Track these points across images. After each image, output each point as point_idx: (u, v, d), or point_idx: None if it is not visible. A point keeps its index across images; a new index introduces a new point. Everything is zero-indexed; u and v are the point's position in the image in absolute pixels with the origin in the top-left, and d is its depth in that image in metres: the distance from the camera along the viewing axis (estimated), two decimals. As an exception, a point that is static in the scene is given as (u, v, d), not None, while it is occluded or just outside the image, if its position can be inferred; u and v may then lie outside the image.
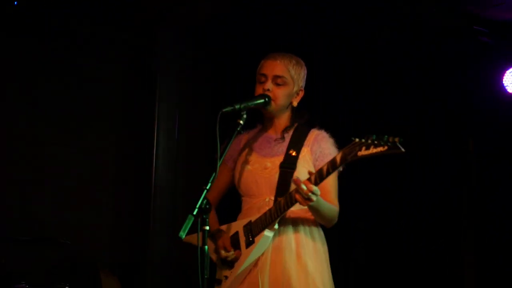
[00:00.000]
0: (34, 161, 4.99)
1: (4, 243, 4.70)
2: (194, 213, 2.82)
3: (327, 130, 3.32)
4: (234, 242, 3.21)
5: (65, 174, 5.12)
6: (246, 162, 3.29)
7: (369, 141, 2.75)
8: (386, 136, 2.70)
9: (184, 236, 2.79)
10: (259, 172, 3.24)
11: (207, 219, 2.85)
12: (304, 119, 3.36)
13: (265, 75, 3.25)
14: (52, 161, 5.07)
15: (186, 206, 5.48)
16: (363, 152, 2.78)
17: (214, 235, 3.28)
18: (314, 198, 2.94)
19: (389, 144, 2.69)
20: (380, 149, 2.72)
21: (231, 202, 3.58)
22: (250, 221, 3.17)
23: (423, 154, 6.09)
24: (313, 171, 3.16)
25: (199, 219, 2.83)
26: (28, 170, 4.97)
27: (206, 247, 2.84)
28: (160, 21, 5.19)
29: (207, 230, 2.85)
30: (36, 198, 4.99)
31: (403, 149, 2.67)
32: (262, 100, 3.20)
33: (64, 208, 5.10)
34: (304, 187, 2.92)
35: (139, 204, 5.27)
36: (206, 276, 2.82)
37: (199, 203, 2.85)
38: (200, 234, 2.83)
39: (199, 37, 5.60)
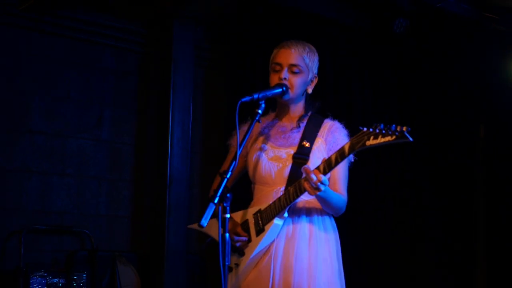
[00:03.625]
0: (53, 152, 5.04)
1: (23, 233, 4.77)
2: (215, 201, 2.84)
3: (341, 120, 3.32)
4: (244, 230, 3.21)
5: (83, 164, 5.17)
6: (261, 151, 3.27)
7: (377, 131, 2.77)
8: (394, 125, 2.72)
9: (205, 225, 2.80)
10: (273, 162, 3.22)
11: (228, 207, 2.88)
12: (316, 107, 3.35)
13: (280, 64, 3.24)
14: (71, 152, 5.12)
15: (200, 196, 5.55)
16: (371, 141, 2.79)
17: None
18: (322, 188, 2.94)
19: (397, 133, 2.70)
20: (388, 138, 2.73)
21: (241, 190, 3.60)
22: (260, 209, 3.17)
23: (434, 139, 6.12)
24: None
25: (220, 207, 2.86)
26: (47, 161, 5.02)
27: (227, 234, 2.87)
28: (175, 14, 5.21)
29: (228, 217, 2.88)
30: (54, 188, 5.04)
31: (411, 139, 2.68)
32: (280, 90, 3.19)
33: (82, 198, 5.15)
34: (313, 176, 2.93)
35: (155, 195, 5.31)
36: (227, 263, 2.85)
37: (220, 191, 2.86)
38: (221, 221, 2.86)
39: (214, 29, 5.63)
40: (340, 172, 3.18)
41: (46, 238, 4.96)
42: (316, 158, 3.18)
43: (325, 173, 2.95)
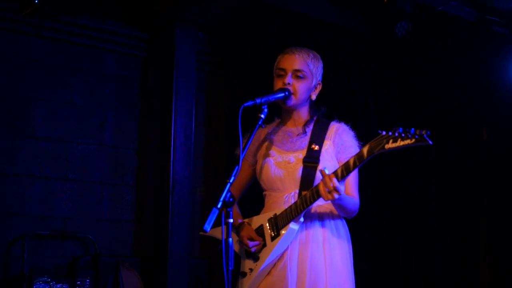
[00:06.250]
0: (56, 157, 5.04)
1: (27, 238, 4.77)
2: (219, 206, 2.84)
3: (347, 122, 3.33)
4: (259, 235, 3.21)
5: (86, 169, 5.17)
6: (268, 156, 3.27)
7: (396, 134, 2.78)
8: (413, 129, 2.73)
9: (209, 230, 2.80)
10: (283, 166, 3.23)
11: (231, 212, 2.88)
12: (322, 112, 3.35)
13: (284, 69, 3.24)
14: (74, 157, 5.12)
15: (203, 201, 5.55)
16: (390, 145, 2.80)
17: (237, 228, 3.28)
18: (336, 196, 2.95)
19: (416, 137, 2.72)
20: (407, 141, 2.75)
21: (252, 197, 3.59)
22: (275, 214, 3.17)
23: (436, 142, 6.12)
24: (336, 164, 3.18)
25: (223, 212, 2.86)
26: (49, 166, 5.02)
27: (231, 239, 2.86)
28: (177, 19, 5.23)
29: (231, 222, 2.88)
30: (57, 193, 5.04)
31: (430, 142, 2.70)
32: (282, 94, 3.19)
33: (85, 203, 5.15)
34: (329, 182, 2.93)
35: (158, 199, 5.31)
36: (231, 268, 2.85)
37: (223, 196, 2.86)
38: (224, 226, 2.86)
39: (215, 33, 5.64)
40: (352, 175, 3.15)
41: (49, 243, 4.96)
42: (326, 160, 3.19)
43: (343, 177, 2.96)
